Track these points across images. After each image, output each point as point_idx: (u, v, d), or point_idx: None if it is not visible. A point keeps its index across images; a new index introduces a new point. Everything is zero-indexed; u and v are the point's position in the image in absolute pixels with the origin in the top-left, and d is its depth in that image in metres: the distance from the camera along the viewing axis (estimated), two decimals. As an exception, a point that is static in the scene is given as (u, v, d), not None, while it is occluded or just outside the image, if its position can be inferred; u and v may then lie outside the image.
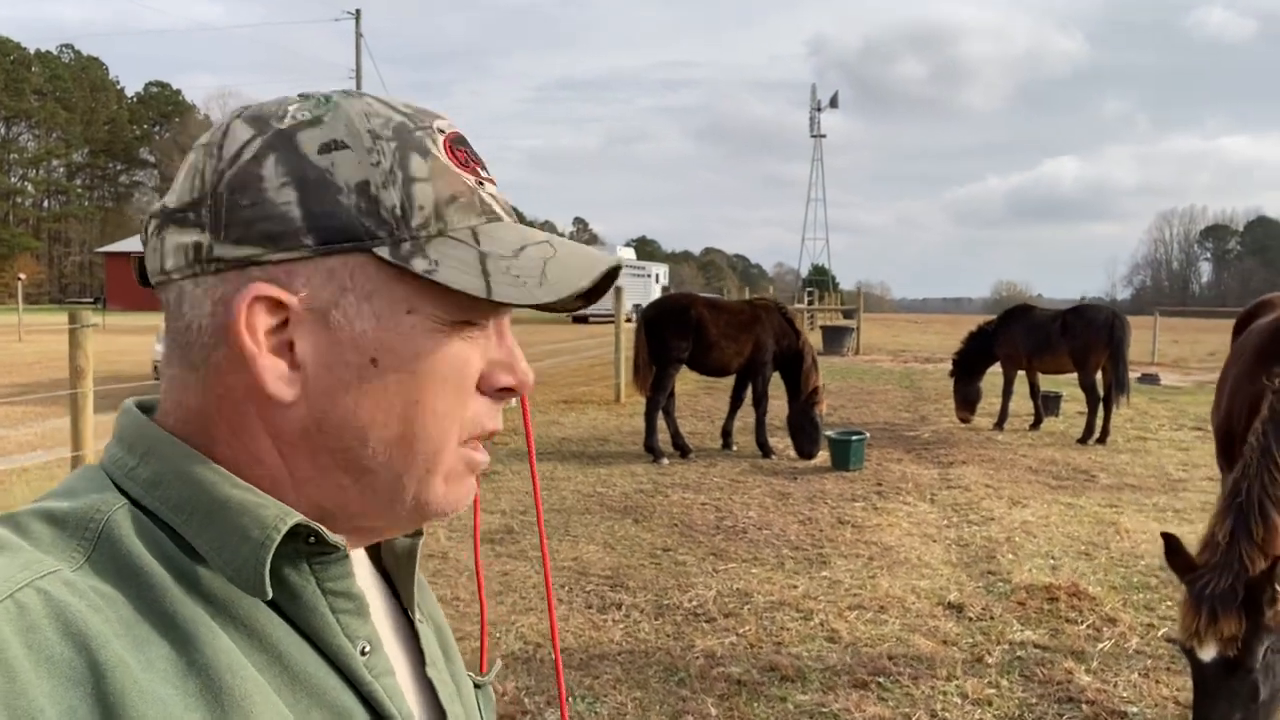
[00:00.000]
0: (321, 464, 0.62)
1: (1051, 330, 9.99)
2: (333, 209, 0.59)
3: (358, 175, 0.59)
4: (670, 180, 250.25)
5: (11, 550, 0.54)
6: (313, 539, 0.59)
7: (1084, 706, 3.49)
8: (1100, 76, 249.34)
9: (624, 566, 5.27)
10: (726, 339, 8.19)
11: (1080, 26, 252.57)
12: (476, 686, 0.83)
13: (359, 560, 0.72)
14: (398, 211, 0.59)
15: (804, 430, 8.25)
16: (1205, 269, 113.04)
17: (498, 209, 0.63)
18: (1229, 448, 3.10)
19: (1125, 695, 3.60)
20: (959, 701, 3.59)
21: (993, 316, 11.14)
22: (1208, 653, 2.62)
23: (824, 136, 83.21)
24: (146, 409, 0.65)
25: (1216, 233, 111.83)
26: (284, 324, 0.59)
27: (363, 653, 0.62)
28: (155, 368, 11.80)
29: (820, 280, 64.84)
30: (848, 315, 27.61)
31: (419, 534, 0.75)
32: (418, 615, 0.74)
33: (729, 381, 12.33)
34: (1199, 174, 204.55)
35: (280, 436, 0.61)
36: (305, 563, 0.61)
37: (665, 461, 8.18)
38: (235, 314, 0.58)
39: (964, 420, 10.59)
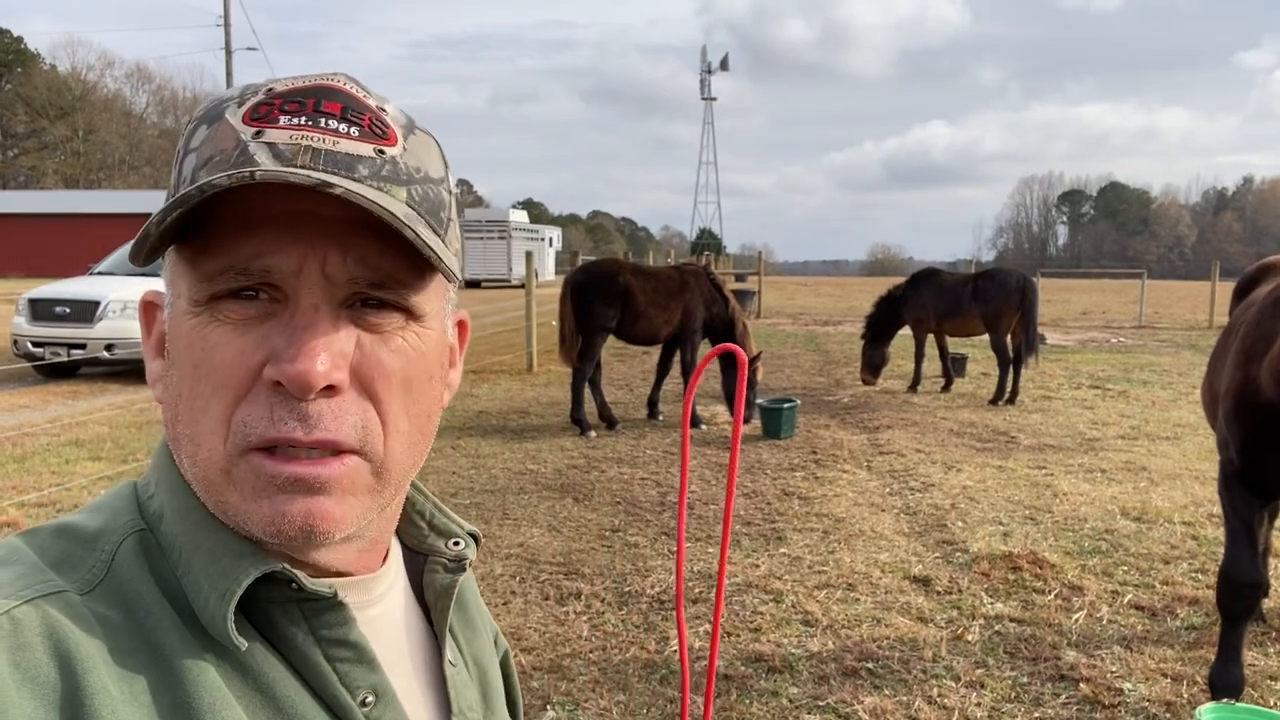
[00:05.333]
0: (182, 470, 0.61)
1: (962, 294, 10.14)
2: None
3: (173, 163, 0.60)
4: (557, 142, 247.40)
5: (20, 565, 0.55)
6: (294, 585, 0.58)
7: (1081, 686, 3.42)
8: (978, 44, 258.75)
9: (575, 551, 4.97)
10: (655, 307, 7.91)
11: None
12: None
13: (398, 597, 0.69)
14: (172, 191, 0.59)
15: (745, 397, 8.08)
16: (1062, 232, 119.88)
17: (262, 156, 0.56)
18: (1239, 407, 3.01)
19: (1115, 670, 3.56)
20: (953, 685, 3.47)
21: (896, 282, 11.24)
22: None
23: (715, 99, 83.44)
24: None
25: (1072, 197, 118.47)
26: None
27: (364, 703, 0.60)
28: (15, 343, 10.65)
29: (710, 243, 65.33)
30: (739, 279, 27.76)
31: (460, 569, 0.72)
32: (449, 658, 0.70)
33: (637, 349, 12.12)
34: (1059, 141, 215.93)
35: None
36: (296, 608, 0.59)
37: (593, 434, 7.88)
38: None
39: (867, 383, 10.69)
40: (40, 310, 10.58)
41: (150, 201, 38.28)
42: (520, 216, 40.61)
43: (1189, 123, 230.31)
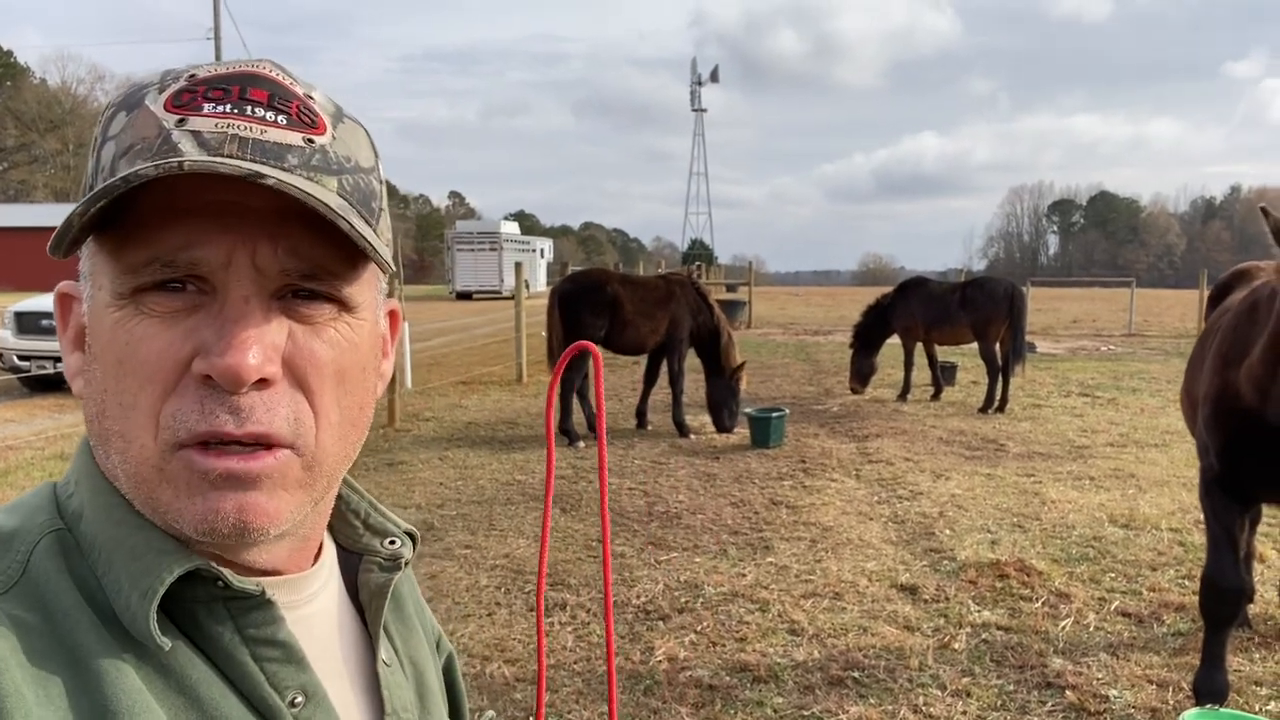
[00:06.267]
0: (108, 467, 0.59)
1: (950, 302, 10.16)
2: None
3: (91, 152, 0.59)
4: (549, 154, 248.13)
5: None
6: (220, 583, 0.57)
7: (1067, 693, 3.41)
8: (969, 55, 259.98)
9: (561, 562, 4.94)
10: (643, 316, 7.90)
11: (953, 4, 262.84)
12: None
13: (331, 597, 0.68)
14: (89, 180, 0.58)
15: (726, 405, 8.10)
16: (1052, 241, 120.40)
17: (187, 145, 0.54)
18: (1218, 413, 3.01)
19: (1101, 678, 3.54)
20: (939, 694, 3.45)
21: (885, 291, 11.26)
22: None
23: (705, 111, 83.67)
24: None
25: (1062, 207, 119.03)
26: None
27: (293, 704, 0.59)
28: (0, 356, 10.58)
29: (701, 254, 65.45)
30: (730, 289, 27.78)
31: (395, 569, 0.71)
32: (382, 658, 0.69)
33: (626, 359, 12.10)
34: (1049, 151, 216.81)
35: None
36: (222, 607, 0.58)
37: (582, 444, 7.86)
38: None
39: (855, 392, 10.71)
40: (26, 323, 10.51)
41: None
42: (512, 228, 40.63)
43: (1178, 132, 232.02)
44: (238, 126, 0.56)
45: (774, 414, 7.97)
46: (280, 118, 0.57)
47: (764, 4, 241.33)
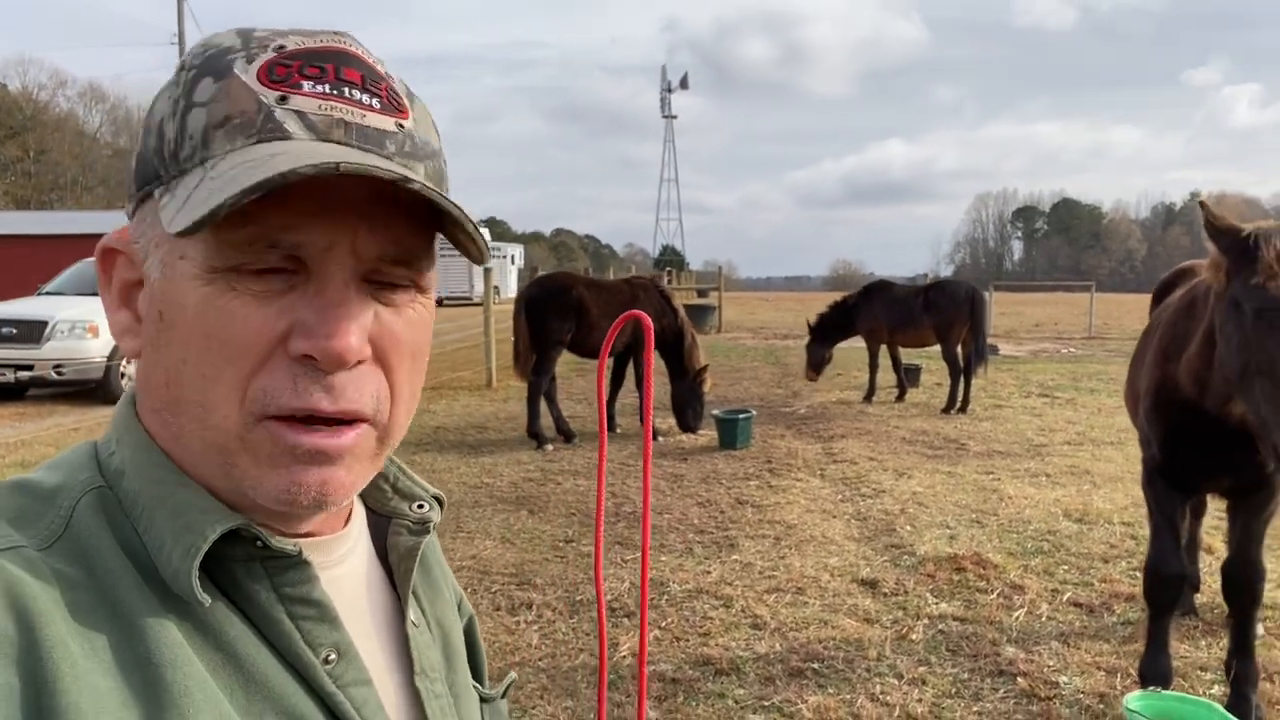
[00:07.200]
0: (171, 431, 0.59)
1: (914, 305, 10.33)
2: (144, 152, 0.58)
3: (161, 112, 0.57)
4: (521, 160, 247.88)
5: None
6: (259, 543, 0.58)
7: (1019, 680, 3.50)
8: (935, 63, 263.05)
9: (527, 562, 4.98)
10: (608, 319, 7.94)
11: (920, 13, 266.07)
12: (484, 700, 0.79)
13: (360, 559, 0.69)
14: (171, 145, 0.56)
15: (690, 406, 8.19)
16: (1017, 247, 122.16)
17: (292, 125, 0.55)
18: (1159, 405, 3.13)
19: (1052, 665, 3.65)
20: (896, 683, 3.53)
21: (850, 292, 11.43)
22: None
23: (675, 117, 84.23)
24: None
25: (1026, 213, 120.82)
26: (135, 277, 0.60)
27: (326, 660, 0.60)
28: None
29: (673, 260, 65.67)
30: (701, 294, 27.90)
31: (423, 532, 0.72)
32: (411, 619, 0.70)
33: (595, 362, 12.15)
34: (1013, 158, 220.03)
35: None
36: (260, 566, 0.59)
37: (550, 447, 7.89)
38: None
39: (811, 380, 10.98)
40: (-15, 331, 10.35)
41: (103, 222, 37.34)
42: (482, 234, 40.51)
43: (1139, 139, 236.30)
44: (341, 110, 0.56)
45: (741, 415, 8.06)
46: (374, 101, 0.58)
47: (734, 11, 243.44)
